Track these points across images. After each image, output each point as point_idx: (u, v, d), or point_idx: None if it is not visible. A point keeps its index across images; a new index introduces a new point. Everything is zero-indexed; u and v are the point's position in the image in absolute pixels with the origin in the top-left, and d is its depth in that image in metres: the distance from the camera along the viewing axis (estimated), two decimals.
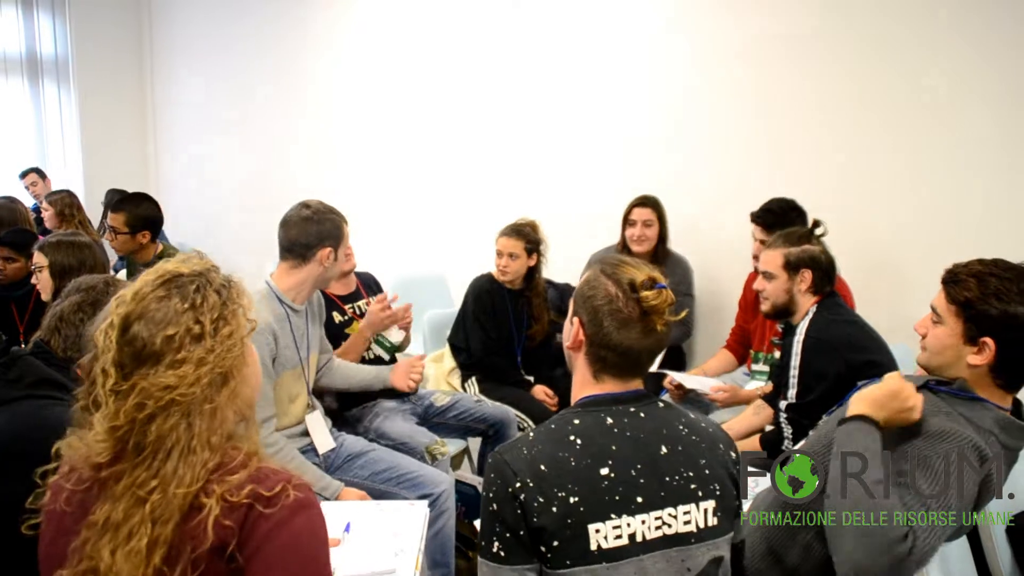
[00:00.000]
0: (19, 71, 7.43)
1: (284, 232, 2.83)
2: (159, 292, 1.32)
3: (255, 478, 1.25)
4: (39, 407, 1.85)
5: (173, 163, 7.85)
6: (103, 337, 1.29)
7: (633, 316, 1.58)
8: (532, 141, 5.04)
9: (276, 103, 6.58)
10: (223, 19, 6.98)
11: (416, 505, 2.14)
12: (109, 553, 1.20)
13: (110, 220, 3.92)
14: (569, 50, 4.82)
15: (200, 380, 1.27)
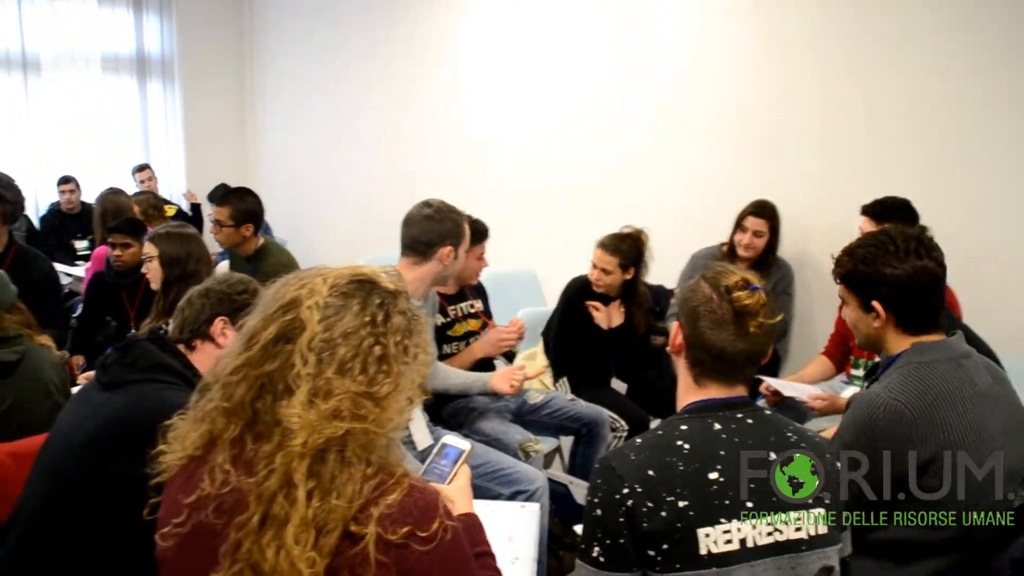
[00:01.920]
0: (129, 70, 7.72)
1: (406, 229, 2.87)
2: (348, 288, 1.31)
3: (409, 508, 1.22)
4: (153, 390, 1.90)
5: (270, 159, 8.04)
6: (310, 312, 1.27)
7: (726, 317, 1.59)
8: (631, 137, 4.98)
9: (373, 101, 6.67)
10: (322, 18, 7.11)
11: (527, 507, 2.13)
12: (274, 552, 1.18)
13: (215, 213, 4.04)
14: (671, 47, 4.75)
15: (380, 402, 1.27)
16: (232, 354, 1.32)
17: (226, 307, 2.08)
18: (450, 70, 6.02)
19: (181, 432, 1.37)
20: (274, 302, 1.32)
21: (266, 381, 1.27)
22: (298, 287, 1.32)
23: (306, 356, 1.25)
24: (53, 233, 6.68)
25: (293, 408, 1.22)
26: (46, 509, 1.87)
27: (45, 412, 2.66)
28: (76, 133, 7.43)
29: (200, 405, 1.35)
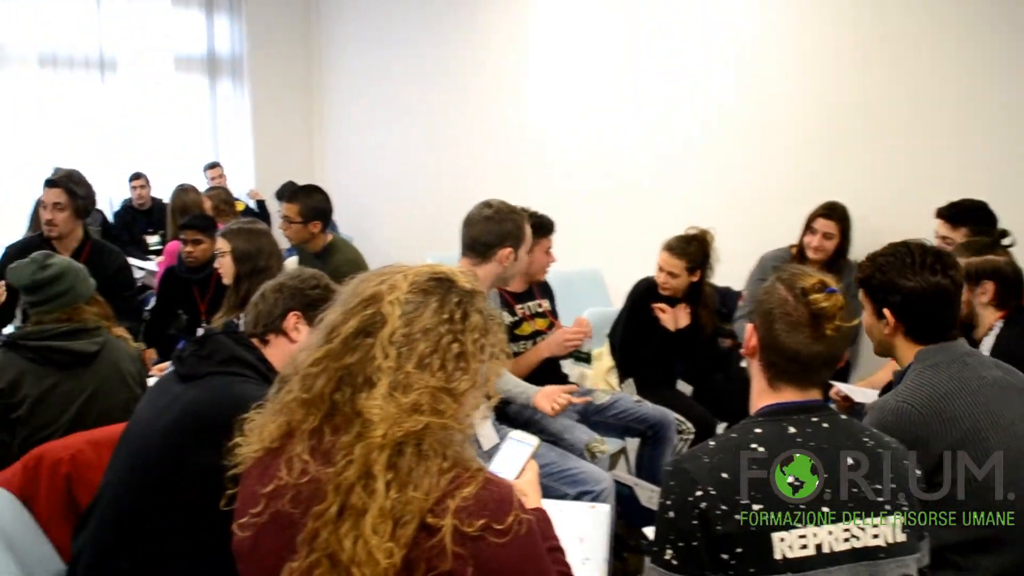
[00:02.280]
0: (200, 69, 7.88)
1: (466, 230, 2.88)
2: (428, 285, 1.34)
3: (485, 501, 1.23)
4: (229, 383, 1.93)
5: (336, 156, 8.13)
6: (391, 307, 1.30)
7: (802, 320, 1.57)
8: (698, 136, 4.92)
9: (438, 98, 6.70)
10: (388, 17, 7.17)
11: (598, 508, 2.13)
12: (351, 542, 1.19)
13: (284, 210, 4.09)
14: (738, 43, 4.69)
15: (459, 397, 1.29)
16: (312, 347, 1.35)
17: (299, 302, 2.10)
18: (515, 67, 6.02)
19: (258, 424, 1.40)
20: (354, 297, 1.35)
21: (345, 374, 1.29)
22: (378, 283, 1.34)
23: (387, 350, 1.27)
24: (125, 228, 6.85)
25: (374, 400, 1.24)
26: (125, 497, 1.91)
27: (122, 402, 2.73)
28: (149, 131, 7.61)
29: (279, 397, 1.37)
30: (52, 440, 2.49)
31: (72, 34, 7.11)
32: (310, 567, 1.22)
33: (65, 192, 3.83)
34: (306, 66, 8.24)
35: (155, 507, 1.87)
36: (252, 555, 1.34)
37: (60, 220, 3.84)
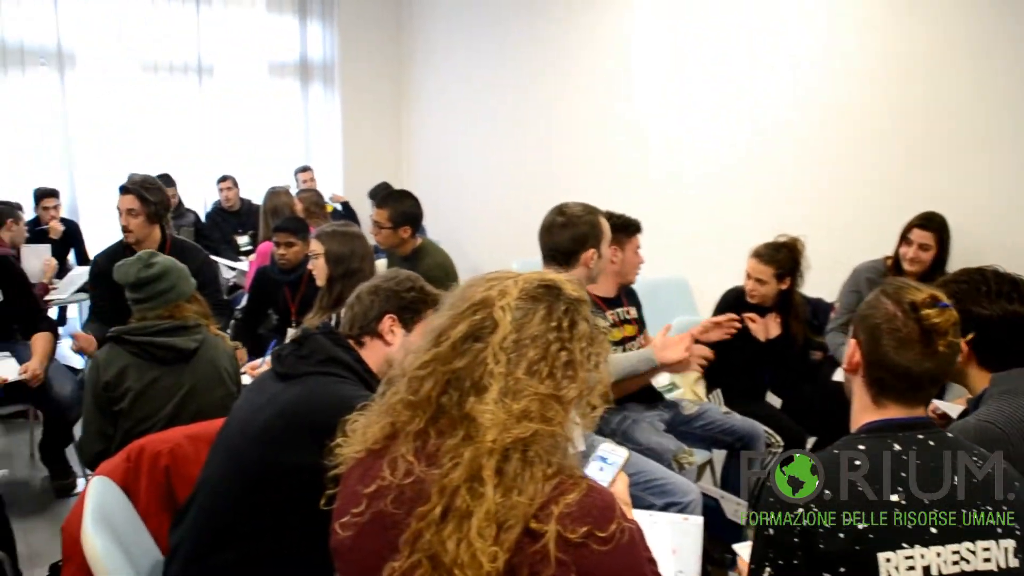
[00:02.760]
0: (293, 74, 8.08)
1: (544, 240, 2.89)
2: (536, 292, 1.35)
3: (588, 508, 1.22)
4: (326, 383, 1.96)
5: (424, 161, 8.22)
6: (503, 313, 1.31)
7: (912, 336, 1.53)
8: (789, 144, 4.82)
9: (526, 105, 6.72)
10: (479, 23, 7.22)
11: (691, 520, 2.10)
12: (455, 544, 1.20)
13: (374, 215, 4.15)
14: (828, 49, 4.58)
15: (567, 405, 1.29)
16: (420, 350, 1.36)
17: (394, 305, 2.13)
18: (605, 73, 5.99)
19: (361, 426, 1.42)
20: (463, 301, 1.36)
21: (452, 377, 1.30)
22: (487, 288, 1.35)
23: (498, 356, 1.28)
24: (217, 229, 7.04)
25: (486, 405, 1.25)
26: (222, 493, 1.96)
27: (218, 398, 2.81)
28: (242, 134, 7.84)
29: (384, 398, 1.39)
30: (152, 433, 2.57)
31: (172, 41, 7.37)
32: (412, 567, 1.23)
33: (137, 198, 3.93)
34: (396, 71, 8.35)
35: (251, 504, 1.90)
36: (351, 555, 1.35)
37: (134, 226, 3.95)
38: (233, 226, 7.04)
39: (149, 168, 6.85)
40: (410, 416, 1.33)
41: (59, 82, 6.99)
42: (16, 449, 4.73)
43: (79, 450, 2.88)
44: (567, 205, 2.92)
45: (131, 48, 7.22)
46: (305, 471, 1.81)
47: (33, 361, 3.80)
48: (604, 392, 1.37)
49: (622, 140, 5.88)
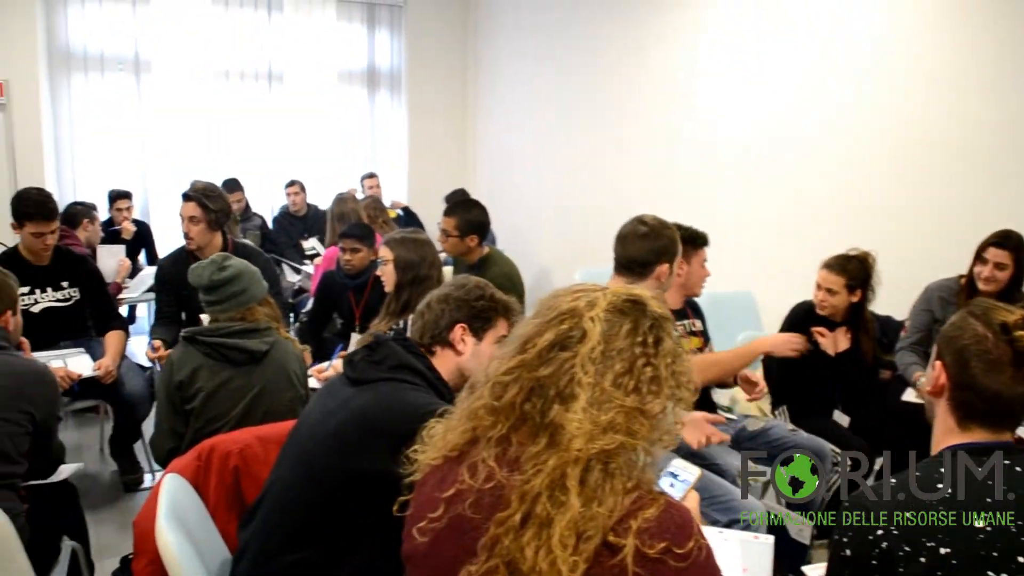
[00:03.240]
0: (361, 82, 8.19)
1: (620, 248, 2.85)
2: (624, 306, 1.35)
3: (667, 524, 1.22)
4: (398, 389, 1.96)
5: (488, 170, 8.25)
6: (593, 324, 1.32)
7: (1004, 359, 1.48)
8: (859, 159, 4.72)
9: (592, 115, 6.71)
10: (545, 33, 7.24)
11: (762, 539, 2.07)
12: (533, 551, 1.20)
13: (442, 223, 4.18)
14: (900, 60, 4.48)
15: (651, 420, 1.30)
16: (505, 356, 1.37)
17: (465, 314, 2.12)
18: (673, 82, 5.95)
19: (439, 432, 1.43)
20: (550, 310, 1.36)
21: (536, 385, 1.31)
22: (574, 298, 1.36)
23: (586, 366, 1.28)
24: (283, 233, 7.15)
25: (574, 414, 1.26)
26: (291, 495, 1.97)
27: (287, 401, 2.85)
28: (310, 140, 7.97)
29: (467, 403, 1.40)
30: (222, 433, 2.61)
31: (244, 48, 7.54)
32: (488, 572, 1.24)
33: (199, 206, 4.00)
34: (461, 79, 8.42)
35: (320, 507, 1.91)
36: (426, 560, 1.36)
37: (195, 232, 4.03)
38: (299, 230, 7.15)
39: (218, 172, 7.04)
40: (492, 421, 1.34)
41: (135, 88, 7.20)
42: (87, 443, 4.85)
43: (152, 447, 2.94)
44: (648, 216, 2.90)
45: (204, 55, 7.40)
46: (374, 476, 1.83)
47: (106, 358, 3.90)
48: (688, 409, 1.37)
49: (687, 150, 5.84)
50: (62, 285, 4.15)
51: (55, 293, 4.12)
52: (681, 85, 5.88)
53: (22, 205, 3.94)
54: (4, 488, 2.36)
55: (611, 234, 2.97)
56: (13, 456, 2.41)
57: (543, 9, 7.27)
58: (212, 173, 7.11)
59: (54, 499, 2.71)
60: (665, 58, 5.99)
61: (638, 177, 6.26)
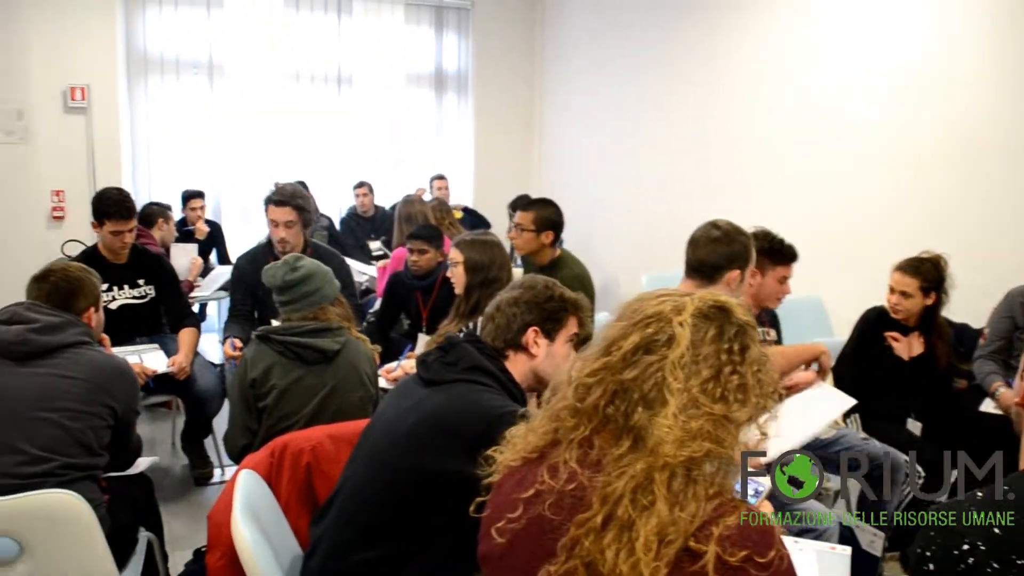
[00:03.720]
0: (429, 84, 8.26)
1: (692, 251, 2.83)
2: (710, 311, 1.35)
3: (748, 533, 1.21)
4: (472, 391, 1.97)
5: (555, 173, 8.24)
6: (682, 329, 1.31)
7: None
8: (931, 162, 4.58)
9: (661, 117, 6.65)
10: (613, 35, 7.20)
11: (839, 550, 2.04)
12: (614, 553, 1.20)
13: (517, 218, 4.19)
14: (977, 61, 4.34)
15: (738, 428, 1.30)
16: (589, 358, 1.37)
17: (536, 316, 2.12)
18: (742, 86, 5.88)
19: (520, 435, 1.43)
20: (635, 313, 1.36)
21: (620, 388, 1.31)
22: (660, 302, 1.36)
23: (676, 371, 1.28)
24: (351, 233, 7.24)
25: (664, 419, 1.25)
26: (364, 493, 1.99)
27: (357, 400, 2.88)
28: (378, 142, 8.07)
29: (549, 405, 1.41)
30: (294, 430, 2.66)
31: (315, 51, 7.67)
32: (567, 573, 1.24)
33: (295, 210, 4.06)
34: (528, 82, 8.43)
35: (392, 506, 1.93)
36: (503, 561, 1.37)
37: (291, 236, 4.09)
38: (366, 231, 7.24)
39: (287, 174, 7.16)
40: (575, 423, 1.34)
41: (208, 90, 7.36)
42: (159, 438, 4.97)
43: (225, 443, 3.00)
44: (721, 221, 2.87)
45: (276, 58, 7.54)
46: (447, 477, 1.84)
47: (180, 355, 3.99)
48: (773, 420, 1.36)
49: (757, 154, 5.75)
50: (139, 283, 4.25)
51: (132, 291, 4.23)
52: (753, 88, 5.80)
53: (102, 204, 4.05)
54: (86, 479, 2.43)
55: (678, 239, 2.95)
56: (95, 448, 2.47)
57: (611, 9, 7.24)
58: (281, 174, 7.23)
59: (132, 491, 2.78)
60: (738, 59, 5.91)
61: (707, 181, 6.19)
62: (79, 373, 2.48)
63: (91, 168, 6.85)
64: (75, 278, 2.69)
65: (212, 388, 4.14)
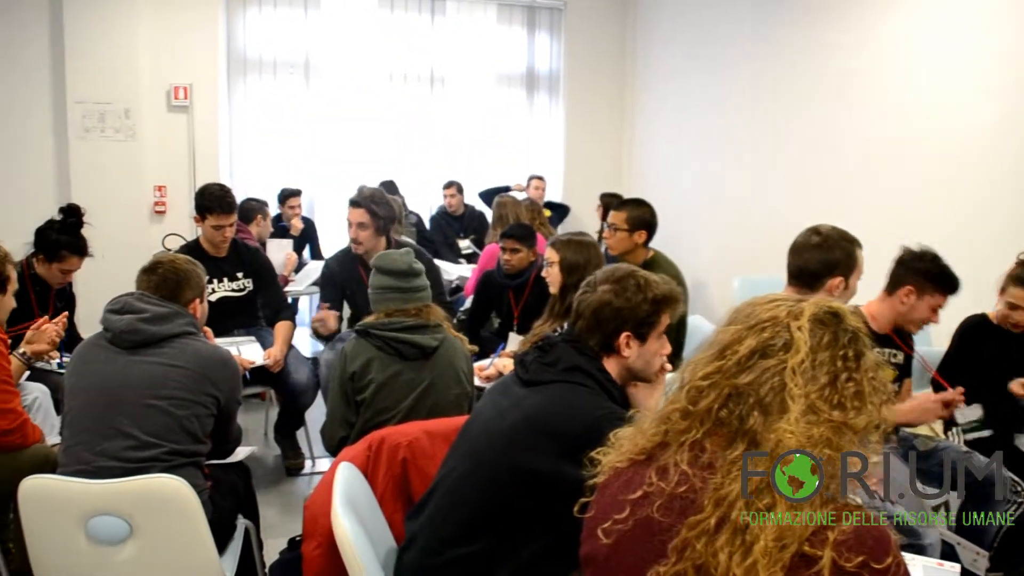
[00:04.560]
0: (520, 84, 8.28)
1: (793, 258, 2.79)
2: (825, 317, 1.34)
3: (864, 538, 1.20)
4: (572, 391, 1.96)
5: (645, 174, 8.16)
6: (801, 334, 1.31)
7: None
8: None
9: (754, 119, 6.52)
10: (707, 35, 7.09)
11: (947, 567, 1.97)
12: (727, 556, 1.21)
13: (611, 218, 4.17)
14: None
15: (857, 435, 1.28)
16: (701, 361, 1.37)
17: (630, 322, 2.09)
18: (841, 87, 5.70)
19: (627, 436, 1.43)
20: (748, 318, 1.36)
21: (734, 392, 1.31)
22: (774, 307, 1.36)
23: (795, 376, 1.27)
24: (439, 231, 7.31)
25: (787, 425, 1.25)
26: (462, 490, 2.00)
27: (453, 397, 2.90)
28: (469, 141, 8.13)
29: (660, 407, 1.41)
30: (390, 424, 2.70)
31: (408, 52, 7.76)
32: (677, 575, 1.24)
33: (368, 212, 4.12)
34: (619, 82, 8.38)
35: (490, 504, 1.94)
36: (608, 563, 1.36)
37: (363, 238, 4.15)
38: (456, 230, 7.30)
39: (379, 173, 7.28)
40: (687, 426, 1.34)
41: (304, 90, 7.51)
42: (252, 428, 5.08)
43: (323, 435, 3.05)
44: (824, 226, 2.82)
45: (369, 58, 7.66)
46: (545, 477, 1.85)
47: (275, 348, 4.08)
48: (889, 426, 1.34)
49: (856, 157, 5.58)
50: (237, 276, 4.37)
51: (231, 283, 4.35)
52: (854, 88, 5.62)
53: (205, 199, 4.18)
54: (190, 465, 2.50)
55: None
56: (199, 436, 2.54)
57: (704, 9, 7.14)
58: (373, 173, 7.36)
59: (232, 479, 2.84)
60: (838, 57, 5.74)
61: (803, 184, 6.03)
62: (185, 362, 2.55)
63: (191, 165, 7.06)
64: (183, 270, 2.77)
65: (306, 381, 4.21)
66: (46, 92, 6.69)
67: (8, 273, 2.97)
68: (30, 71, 6.65)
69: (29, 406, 3.15)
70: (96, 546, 2.25)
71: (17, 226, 4.11)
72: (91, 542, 2.24)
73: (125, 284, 2.82)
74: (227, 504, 2.70)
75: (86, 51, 6.60)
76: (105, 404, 2.45)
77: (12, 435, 2.71)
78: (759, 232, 6.16)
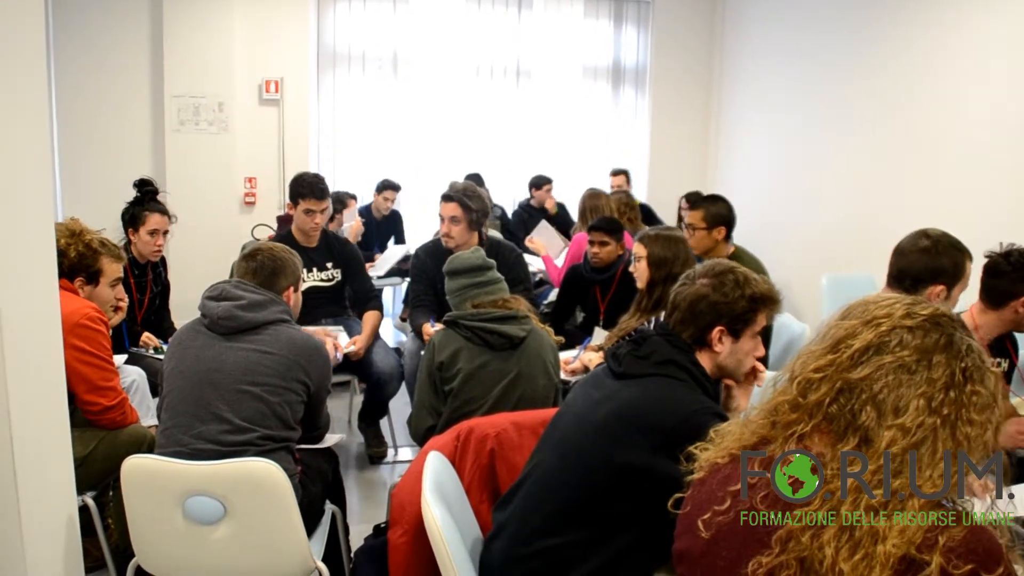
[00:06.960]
0: (606, 77, 8.24)
1: (896, 259, 2.72)
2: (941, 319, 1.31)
3: (974, 546, 1.17)
4: (667, 385, 1.94)
5: (731, 169, 8.04)
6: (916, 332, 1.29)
7: None
8: None
9: (845, 117, 6.35)
10: (798, 31, 6.94)
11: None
12: (833, 551, 1.19)
13: (688, 218, 4.12)
14: None
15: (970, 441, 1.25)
16: (814, 354, 1.35)
17: (725, 317, 2.07)
18: (937, 86, 5.51)
19: (731, 432, 1.41)
20: (864, 313, 1.34)
21: (846, 386, 1.29)
22: (890, 306, 1.33)
23: (911, 375, 1.25)
24: (522, 225, 7.31)
25: (900, 421, 1.23)
26: (553, 481, 1.99)
27: (541, 388, 2.90)
28: (555, 135, 8.13)
29: (768, 398, 1.39)
30: (478, 415, 2.70)
31: (495, 45, 7.80)
32: (779, 566, 1.23)
33: (460, 207, 4.11)
34: (706, 77, 8.27)
35: (579, 496, 1.92)
36: (704, 559, 1.36)
37: (456, 232, 4.14)
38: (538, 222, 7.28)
39: (465, 166, 7.32)
40: (796, 417, 1.32)
41: (392, 84, 7.61)
42: (336, 415, 5.15)
43: (410, 424, 3.07)
44: (934, 230, 2.73)
45: (457, 52, 7.72)
46: (636, 470, 1.83)
47: (361, 337, 4.13)
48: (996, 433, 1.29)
49: (951, 161, 5.37)
50: (327, 266, 4.44)
51: (320, 273, 4.42)
52: (947, 86, 5.42)
53: (298, 185, 4.28)
54: (282, 450, 2.54)
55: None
56: (290, 422, 2.59)
57: (797, 4, 6.98)
58: (459, 166, 7.40)
59: (321, 464, 2.89)
60: (937, 58, 5.55)
61: (896, 185, 5.84)
62: (279, 350, 2.60)
63: (281, 157, 7.22)
64: (280, 258, 2.82)
65: (391, 370, 4.25)
66: (145, 87, 6.94)
67: (100, 266, 3.08)
68: (131, 68, 6.91)
69: (127, 388, 3.25)
70: (192, 525, 2.31)
71: (117, 218, 4.24)
72: (187, 521, 2.31)
73: (215, 272, 2.88)
74: (316, 489, 2.74)
75: (183, 47, 6.83)
76: (202, 388, 2.52)
77: (112, 411, 2.83)
78: (848, 230, 6.00)
